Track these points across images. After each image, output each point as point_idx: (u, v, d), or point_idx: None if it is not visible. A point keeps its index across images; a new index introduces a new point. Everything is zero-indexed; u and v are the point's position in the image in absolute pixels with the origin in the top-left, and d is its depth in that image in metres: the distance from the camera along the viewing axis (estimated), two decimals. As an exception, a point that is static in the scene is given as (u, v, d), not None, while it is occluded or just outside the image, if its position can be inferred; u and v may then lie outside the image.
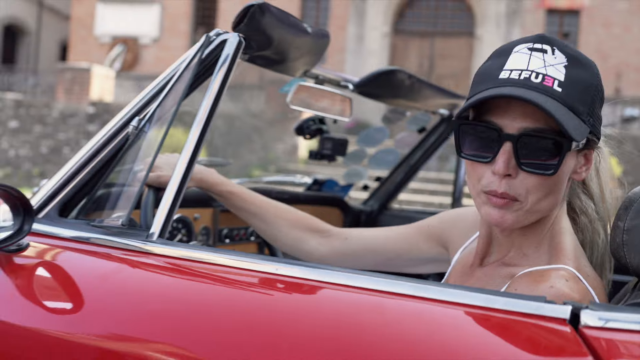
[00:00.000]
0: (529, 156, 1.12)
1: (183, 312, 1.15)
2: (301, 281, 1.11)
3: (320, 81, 2.04)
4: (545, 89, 1.10)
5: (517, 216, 1.16)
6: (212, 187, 1.61)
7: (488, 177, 1.15)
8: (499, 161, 1.12)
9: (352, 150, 2.65)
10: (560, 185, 1.17)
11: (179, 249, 1.26)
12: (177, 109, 1.38)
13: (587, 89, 1.14)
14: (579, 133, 1.10)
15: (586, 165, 1.21)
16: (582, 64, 1.15)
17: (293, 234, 1.62)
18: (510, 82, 1.12)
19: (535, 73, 1.12)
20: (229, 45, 1.41)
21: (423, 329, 0.99)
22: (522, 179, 1.13)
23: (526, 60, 1.13)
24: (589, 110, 1.14)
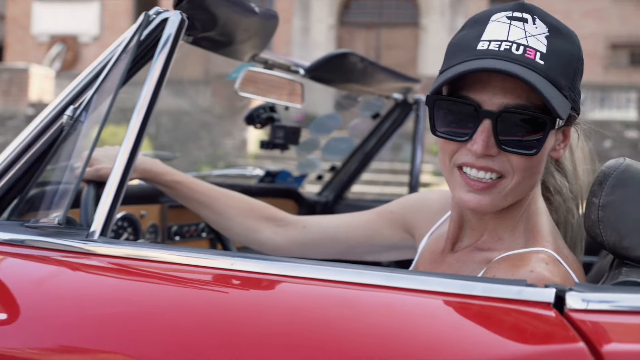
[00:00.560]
0: (510, 135, 1.04)
1: (131, 315, 1.05)
2: (260, 276, 1.01)
3: (269, 66, 1.94)
4: (527, 62, 1.02)
5: (496, 199, 1.08)
6: (157, 177, 1.50)
7: (463, 152, 1.07)
8: (477, 140, 1.04)
9: (305, 139, 2.56)
10: (541, 164, 1.10)
11: (123, 247, 1.15)
12: (115, 95, 1.27)
13: (569, 62, 1.06)
14: (563, 110, 1.03)
15: (564, 142, 1.14)
16: (563, 35, 1.07)
17: (246, 224, 1.53)
18: (490, 54, 1.03)
19: (517, 44, 1.03)
20: (170, 25, 1.30)
21: (396, 322, 0.90)
22: (504, 157, 1.06)
23: (505, 30, 1.05)
24: (570, 84, 1.06)
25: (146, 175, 1.50)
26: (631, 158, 1.18)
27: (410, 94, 2.56)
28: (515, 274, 1.03)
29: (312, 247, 1.52)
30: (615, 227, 1.09)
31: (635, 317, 0.83)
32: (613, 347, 0.78)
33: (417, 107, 2.59)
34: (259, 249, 1.56)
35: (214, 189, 1.54)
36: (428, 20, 17.02)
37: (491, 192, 1.08)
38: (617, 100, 13.33)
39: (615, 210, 1.09)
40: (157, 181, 1.52)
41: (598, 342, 0.78)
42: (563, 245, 1.14)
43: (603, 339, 0.79)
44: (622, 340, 0.80)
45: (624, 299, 0.84)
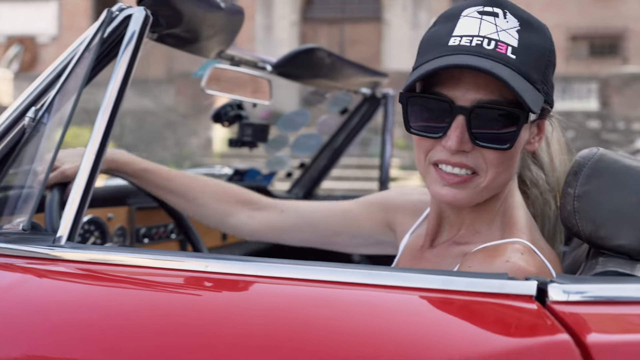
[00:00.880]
0: (483, 130, 1.03)
1: (102, 322, 1.01)
2: (235, 277, 0.98)
3: (236, 63, 1.91)
4: (499, 57, 1.01)
5: (472, 194, 1.08)
6: (124, 166, 1.46)
7: (438, 149, 1.07)
8: (451, 136, 1.03)
9: (273, 136, 2.53)
10: (515, 158, 1.09)
11: (92, 252, 1.12)
12: (79, 95, 1.22)
13: (541, 55, 1.06)
14: (536, 103, 1.02)
15: (539, 135, 1.14)
16: (534, 28, 1.06)
17: (220, 208, 1.48)
18: (462, 50, 1.02)
19: (488, 39, 1.02)
20: (134, 22, 1.26)
21: (378, 320, 0.88)
22: (478, 153, 1.05)
23: (477, 25, 1.04)
24: (542, 77, 1.06)
25: (113, 165, 1.46)
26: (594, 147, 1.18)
27: (378, 88, 2.55)
28: (491, 265, 1.03)
29: (289, 232, 1.48)
30: (591, 217, 1.08)
31: (618, 308, 0.82)
32: (598, 338, 0.78)
33: (386, 101, 2.58)
34: (234, 234, 1.53)
35: (185, 175, 1.50)
36: (391, 15, 17.08)
37: (467, 187, 1.07)
38: (579, 91, 13.55)
39: (591, 200, 1.08)
40: (124, 171, 1.47)
41: (582, 333, 0.77)
42: (539, 237, 1.14)
43: (587, 330, 0.78)
44: (606, 331, 0.80)
45: (605, 289, 0.83)
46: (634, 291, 0.83)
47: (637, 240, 1.06)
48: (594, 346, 0.75)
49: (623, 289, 0.84)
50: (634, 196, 1.07)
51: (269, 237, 1.50)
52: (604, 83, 12.93)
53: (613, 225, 1.07)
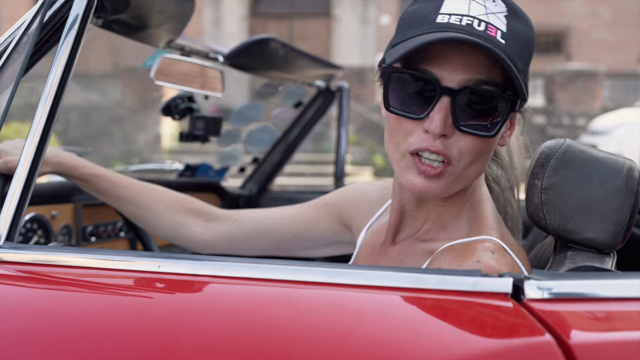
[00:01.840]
0: (469, 114, 0.97)
1: (47, 328, 0.93)
2: (191, 278, 0.92)
3: (186, 53, 1.84)
4: (489, 39, 0.95)
5: (447, 185, 1.02)
6: (72, 170, 1.39)
7: (418, 136, 0.99)
8: (434, 119, 0.96)
9: (225, 130, 2.45)
10: (491, 149, 1.04)
11: (34, 252, 1.03)
12: (17, 84, 1.13)
13: (526, 45, 1.01)
14: (524, 92, 0.98)
15: (510, 129, 1.09)
16: (520, 17, 1.01)
17: (173, 219, 1.42)
18: (452, 27, 0.95)
19: (478, 20, 0.96)
20: (77, 5, 1.17)
21: (345, 321, 0.83)
22: (457, 140, 0.99)
23: (466, 5, 0.98)
24: (525, 67, 1.01)
25: (60, 168, 1.38)
26: (539, 142, 1.15)
27: (333, 81, 2.50)
28: (461, 265, 0.98)
29: (243, 241, 1.43)
30: (559, 209, 1.05)
31: (596, 305, 0.79)
32: (579, 337, 0.74)
33: (340, 94, 2.53)
34: (186, 245, 1.46)
35: (136, 183, 1.43)
36: (340, 11, 17.07)
37: (442, 179, 1.01)
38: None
39: (558, 193, 1.05)
40: (73, 175, 1.40)
41: (563, 332, 0.74)
42: (507, 232, 1.10)
43: (568, 329, 0.75)
44: (587, 329, 0.76)
45: (582, 285, 0.80)
46: (611, 287, 0.80)
47: (605, 233, 1.04)
48: (576, 345, 0.72)
49: (601, 285, 0.80)
50: (601, 188, 1.04)
51: (222, 248, 1.44)
52: (549, 79, 13.17)
53: (581, 218, 1.04)
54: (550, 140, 1.12)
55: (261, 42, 1.98)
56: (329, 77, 2.46)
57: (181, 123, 2.16)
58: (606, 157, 1.06)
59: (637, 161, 1.10)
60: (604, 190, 1.04)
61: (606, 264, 1.03)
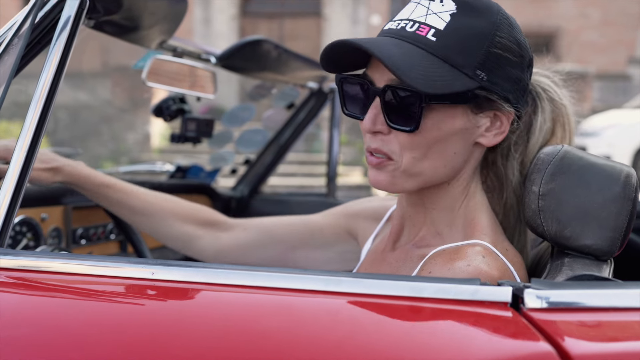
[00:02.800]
0: (394, 111, 1.03)
1: (35, 337, 0.91)
2: (185, 285, 0.90)
3: (178, 54, 1.82)
4: (415, 38, 1.01)
5: (393, 177, 1.06)
6: (84, 182, 1.38)
7: (366, 135, 1.07)
8: (365, 117, 1.05)
9: (217, 131, 2.44)
10: (441, 145, 1.04)
11: (24, 258, 1.01)
12: (8, 86, 1.11)
13: (474, 39, 1.01)
14: (438, 86, 0.98)
15: (497, 129, 1.08)
16: (475, 11, 1.02)
17: (185, 230, 1.42)
18: (388, 33, 1.04)
19: (412, 22, 1.03)
20: (69, 6, 1.15)
21: (341, 330, 0.82)
22: (394, 136, 1.04)
23: (412, 9, 1.05)
24: (479, 63, 1.01)
25: (71, 179, 1.37)
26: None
27: (325, 82, 2.49)
28: (452, 268, 0.98)
29: (253, 250, 1.43)
30: (556, 216, 1.05)
31: (596, 314, 0.78)
32: (580, 347, 0.73)
33: (333, 96, 2.52)
34: (197, 257, 1.46)
35: (147, 193, 1.42)
36: (330, 11, 17.06)
37: (385, 170, 1.06)
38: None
39: (556, 199, 1.05)
40: (82, 186, 1.39)
41: (563, 342, 0.73)
42: (503, 238, 1.09)
43: (568, 339, 0.74)
44: (586, 338, 0.75)
45: (581, 295, 0.79)
46: (612, 297, 0.79)
47: (602, 240, 1.03)
48: (576, 356, 0.71)
49: (601, 295, 0.79)
50: (599, 195, 1.04)
51: (233, 257, 1.44)
52: (538, 80, 13.19)
53: (578, 224, 1.04)
54: (548, 147, 1.11)
55: (254, 44, 1.97)
56: (322, 78, 2.45)
57: (171, 122, 2.14)
58: (604, 163, 1.05)
59: (626, 163, 1.10)
60: (602, 196, 1.03)
61: (604, 271, 1.02)
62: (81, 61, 10.98)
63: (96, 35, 1.47)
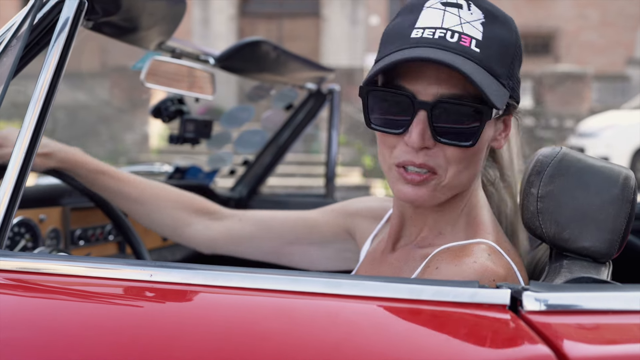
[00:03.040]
0: (446, 126, 0.99)
1: (34, 339, 0.91)
2: (184, 287, 0.90)
3: (177, 55, 1.82)
4: (462, 50, 0.97)
5: (435, 192, 1.03)
6: (77, 167, 1.37)
7: (401, 148, 1.02)
8: (412, 133, 0.99)
9: (215, 132, 2.44)
10: (479, 155, 1.05)
11: (22, 260, 1.01)
12: (6, 87, 1.11)
13: (506, 49, 1.01)
14: (500, 99, 0.98)
15: (505, 132, 1.09)
16: (500, 21, 1.02)
17: (177, 217, 1.41)
18: (424, 42, 0.98)
19: (451, 32, 0.98)
20: (67, 8, 1.15)
21: (340, 332, 0.82)
22: (440, 150, 1.00)
23: (440, 16, 0.99)
24: (508, 72, 1.02)
25: (64, 165, 1.36)
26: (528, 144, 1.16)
27: (324, 83, 2.49)
28: (459, 264, 0.98)
29: (247, 243, 1.42)
30: (555, 218, 1.05)
31: (594, 317, 0.78)
32: (578, 349, 0.73)
33: (332, 97, 2.52)
34: (189, 244, 1.46)
35: (141, 180, 1.41)
36: (329, 11, 17.06)
37: (427, 185, 1.03)
38: (513, 89, 13.79)
39: (554, 201, 1.05)
40: (76, 172, 1.37)
41: (562, 345, 0.73)
42: (504, 238, 1.10)
43: (566, 341, 0.74)
44: (585, 341, 0.75)
45: (580, 298, 0.79)
46: (610, 300, 0.79)
47: (601, 242, 1.03)
48: (575, 358, 0.70)
49: (600, 297, 0.80)
50: (598, 197, 1.04)
51: (225, 249, 1.44)
52: (537, 81, 13.21)
53: (577, 226, 1.04)
54: (546, 148, 1.11)
55: (252, 45, 1.97)
56: (320, 79, 2.45)
57: (169, 123, 2.14)
58: (602, 165, 1.05)
59: (624, 164, 1.10)
60: (600, 198, 1.03)
61: (602, 273, 1.02)
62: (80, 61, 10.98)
63: (95, 36, 1.46)
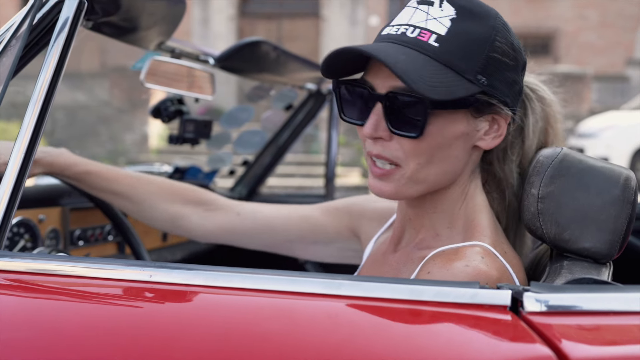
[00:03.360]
0: (397, 117, 1.02)
1: (33, 340, 0.91)
2: (183, 288, 0.90)
3: (177, 55, 1.82)
4: (417, 44, 1.00)
5: (398, 185, 1.06)
6: (65, 170, 1.36)
7: (367, 141, 1.07)
8: (367, 123, 1.04)
9: (215, 132, 2.43)
10: (445, 151, 1.04)
11: (22, 260, 1.01)
12: (6, 87, 1.11)
13: (475, 44, 1.02)
14: (442, 92, 0.98)
15: (495, 133, 1.08)
16: (475, 17, 1.03)
17: (171, 210, 1.40)
18: (387, 38, 1.04)
19: (413, 27, 1.02)
20: (67, 7, 1.15)
21: (341, 333, 0.81)
22: (397, 142, 1.04)
23: (410, 14, 1.04)
24: (480, 68, 1.01)
25: (52, 169, 1.36)
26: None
27: (323, 84, 2.48)
28: (450, 269, 0.98)
29: (246, 237, 1.41)
30: (556, 219, 1.05)
31: (595, 318, 0.78)
32: (579, 350, 0.73)
33: (331, 97, 2.52)
34: (187, 236, 1.46)
35: (130, 176, 1.40)
36: (329, 11, 17.06)
37: (391, 179, 1.06)
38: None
39: (555, 202, 1.05)
40: (65, 174, 1.37)
41: (563, 346, 0.72)
42: (503, 240, 1.09)
43: (567, 342, 0.74)
44: (586, 342, 0.75)
45: (581, 299, 0.79)
46: (611, 301, 0.79)
47: (601, 243, 1.03)
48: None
49: (601, 298, 0.79)
50: (598, 197, 1.04)
51: (224, 240, 1.43)
52: (536, 82, 13.19)
53: (577, 227, 1.04)
54: (546, 149, 1.11)
55: (252, 45, 1.96)
56: (320, 80, 2.44)
57: (169, 124, 2.13)
58: (603, 166, 1.05)
59: (624, 164, 1.10)
60: (601, 199, 1.03)
61: (603, 274, 1.02)
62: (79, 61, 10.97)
63: (94, 36, 1.46)
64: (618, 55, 16.17)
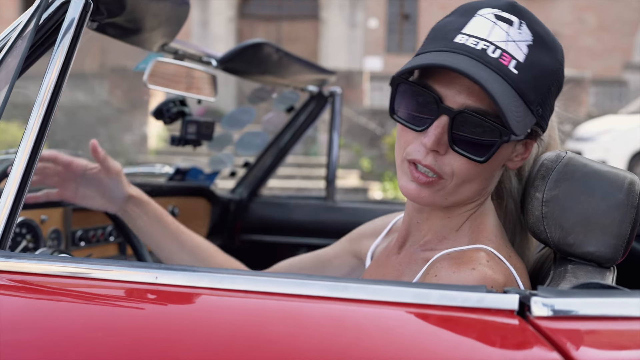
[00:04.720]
0: (464, 136, 0.99)
1: (36, 341, 0.91)
2: (189, 290, 0.90)
3: (180, 56, 1.82)
4: (499, 68, 0.96)
5: (436, 196, 1.04)
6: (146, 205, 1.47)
7: (415, 146, 1.02)
8: (430, 134, 0.99)
9: (217, 134, 2.43)
10: (489, 173, 1.05)
11: (26, 261, 1.01)
12: (12, 87, 1.11)
13: (545, 76, 1.01)
14: (521, 126, 0.98)
15: (524, 155, 1.09)
16: (547, 47, 1.01)
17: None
18: (464, 50, 0.97)
19: (494, 46, 0.97)
20: (73, 8, 1.15)
21: (347, 337, 0.81)
22: (450, 158, 1.00)
23: (489, 28, 0.99)
24: (541, 99, 1.01)
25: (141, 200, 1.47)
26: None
27: (325, 86, 2.48)
28: (457, 272, 0.99)
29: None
30: (560, 222, 1.05)
31: (603, 323, 0.78)
32: (587, 355, 0.73)
33: (333, 99, 2.52)
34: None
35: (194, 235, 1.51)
36: (328, 14, 17.07)
37: (431, 189, 1.03)
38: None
39: (559, 206, 1.05)
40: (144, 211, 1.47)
41: (571, 350, 0.72)
42: (507, 244, 1.10)
43: (575, 347, 0.74)
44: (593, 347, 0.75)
45: (588, 304, 0.79)
46: (619, 306, 0.79)
47: (605, 247, 1.03)
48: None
49: (609, 303, 0.79)
50: (603, 202, 1.04)
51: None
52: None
53: (581, 231, 1.04)
54: (550, 152, 1.11)
55: (255, 47, 1.96)
56: (322, 82, 2.44)
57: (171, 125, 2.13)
58: (608, 170, 1.05)
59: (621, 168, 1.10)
60: (605, 203, 1.03)
61: (607, 278, 1.02)
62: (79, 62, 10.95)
63: (94, 36, 1.46)
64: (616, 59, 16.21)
